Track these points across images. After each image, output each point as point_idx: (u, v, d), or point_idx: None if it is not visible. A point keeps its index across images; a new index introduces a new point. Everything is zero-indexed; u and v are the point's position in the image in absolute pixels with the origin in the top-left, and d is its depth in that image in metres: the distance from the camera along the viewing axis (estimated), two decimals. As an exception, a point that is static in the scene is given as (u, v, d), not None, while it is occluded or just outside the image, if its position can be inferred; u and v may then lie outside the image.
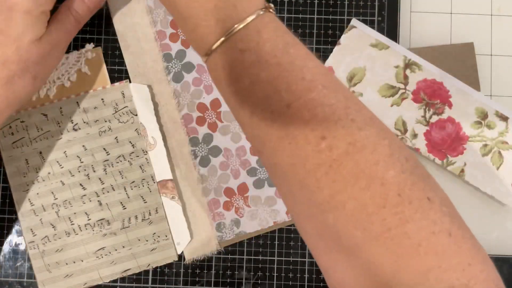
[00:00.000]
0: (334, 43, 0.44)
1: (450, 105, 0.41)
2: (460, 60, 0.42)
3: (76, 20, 0.39)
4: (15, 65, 0.35)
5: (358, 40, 0.42)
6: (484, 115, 0.41)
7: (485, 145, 0.41)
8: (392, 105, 0.41)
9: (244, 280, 0.42)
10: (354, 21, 0.42)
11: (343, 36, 0.42)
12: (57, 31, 0.37)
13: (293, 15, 0.44)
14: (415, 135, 0.41)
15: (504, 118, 0.40)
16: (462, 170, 0.41)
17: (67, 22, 0.38)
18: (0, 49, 0.35)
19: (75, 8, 0.39)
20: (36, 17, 0.35)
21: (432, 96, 0.41)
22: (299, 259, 0.42)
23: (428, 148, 0.41)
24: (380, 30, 0.44)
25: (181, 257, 0.42)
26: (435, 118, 0.41)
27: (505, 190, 0.41)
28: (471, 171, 0.41)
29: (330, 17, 0.44)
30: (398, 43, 0.44)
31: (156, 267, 0.42)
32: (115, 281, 0.42)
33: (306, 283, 0.42)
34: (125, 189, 0.42)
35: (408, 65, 0.41)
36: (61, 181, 0.42)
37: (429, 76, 0.41)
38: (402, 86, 0.41)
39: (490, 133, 0.41)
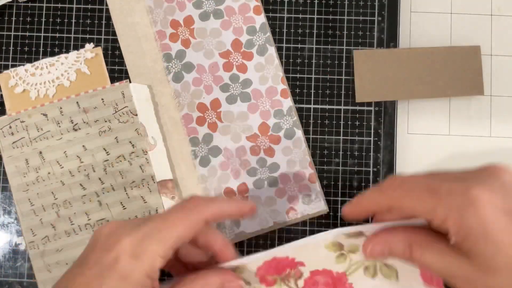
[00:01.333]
0: (334, 43, 0.44)
1: (302, 264, 0.34)
2: (465, 63, 0.42)
3: None
4: None
5: None
6: (340, 246, 0.34)
7: (366, 267, 0.34)
8: None
9: (244, 280, 0.42)
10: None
11: None
12: None
13: (293, 15, 0.44)
14: None
15: (358, 234, 0.33)
16: None
17: None
18: None
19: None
20: (135, 284, 0.28)
21: (279, 272, 0.34)
22: (299, 259, 0.42)
23: None
24: (380, 30, 0.44)
25: (181, 257, 0.42)
26: (301, 283, 0.34)
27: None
28: None
29: (330, 17, 0.44)
30: (398, 43, 0.44)
31: (156, 267, 0.42)
32: (115, 281, 0.42)
33: (306, 283, 0.42)
34: (125, 189, 0.42)
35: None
36: (61, 181, 0.42)
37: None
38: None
39: (361, 255, 0.34)
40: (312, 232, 0.42)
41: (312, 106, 0.43)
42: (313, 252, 0.34)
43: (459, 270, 0.27)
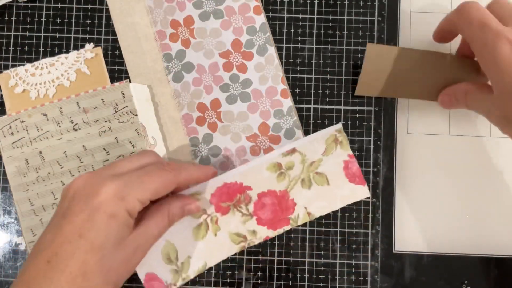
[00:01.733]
0: (334, 43, 0.44)
1: (249, 188, 0.40)
2: (464, 64, 0.42)
3: (169, 224, 0.36)
4: (96, 277, 0.31)
5: None
6: (279, 166, 0.40)
7: (303, 180, 0.40)
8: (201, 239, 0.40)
9: (244, 280, 0.42)
10: None
11: None
12: (146, 234, 0.34)
13: (293, 15, 0.44)
14: (254, 233, 0.40)
15: (292, 151, 0.40)
16: (309, 213, 0.40)
17: (161, 225, 0.35)
18: (80, 256, 0.31)
19: (173, 211, 0.36)
20: (122, 221, 0.32)
21: (231, 198, 0.40)
22: (299, 259, 0.42)
23: (271, 230, 0.40)
24: (380, 30, 0.44)
25: (181, 257, 0.42)
26: (251, 207, 0.40)
27: (352, 187, 0.40)
28: (315, 206, 0.40)
29: (330, 17, 0.44)
30: (398, 43, 0.44)
31: (156, 267, 0.42)
32: (115, 281, 0.42)
33: (306, 283, 0.42)
34: (125, 189, 0.42)
35: None
36: (61, 181, 0.42)
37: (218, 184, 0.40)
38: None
39: (296, 169, 0.40)
40: (312, 232, 0.42)
41: (312, 106, 0.43)
42: (257, 175, 0.40)
43: (492, 105, 0.35)
